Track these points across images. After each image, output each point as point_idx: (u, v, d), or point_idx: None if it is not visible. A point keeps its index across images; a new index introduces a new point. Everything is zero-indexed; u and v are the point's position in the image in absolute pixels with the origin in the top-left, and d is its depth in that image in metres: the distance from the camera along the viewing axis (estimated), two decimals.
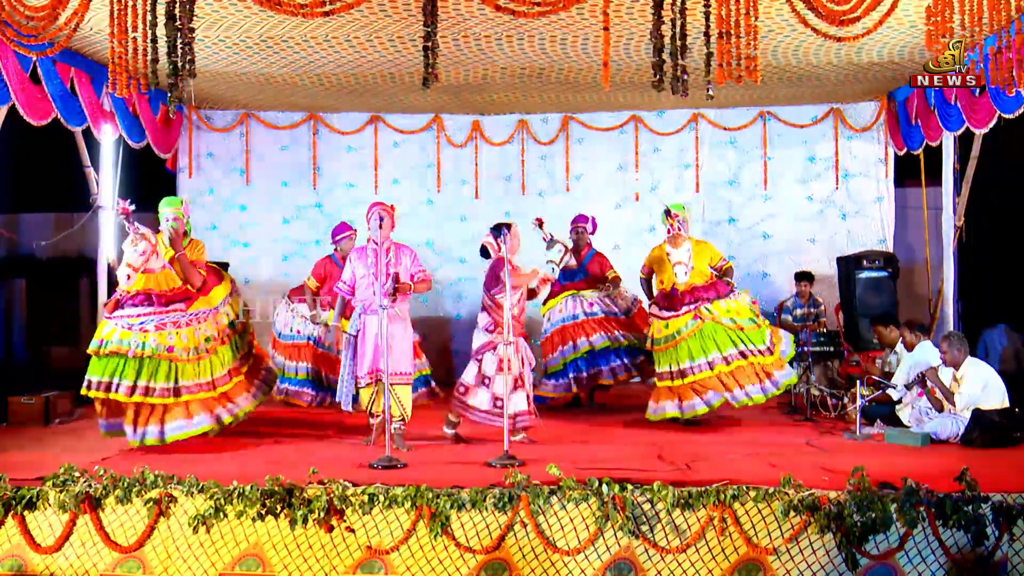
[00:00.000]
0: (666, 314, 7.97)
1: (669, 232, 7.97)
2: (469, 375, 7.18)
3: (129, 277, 6.88)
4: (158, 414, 6.99)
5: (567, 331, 9.05)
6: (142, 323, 6.94)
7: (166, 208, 7.44)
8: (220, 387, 7.19)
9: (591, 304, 9.08)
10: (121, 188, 10.60)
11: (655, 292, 8.33)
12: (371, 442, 6.87)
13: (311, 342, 9.18)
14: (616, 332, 8.99)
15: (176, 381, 6.96)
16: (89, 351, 7.03)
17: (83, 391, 7.06)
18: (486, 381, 7.08)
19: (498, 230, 7.09)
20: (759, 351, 7.84)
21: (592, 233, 9.49)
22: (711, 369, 7.76)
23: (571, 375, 9.00)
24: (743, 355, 7.80)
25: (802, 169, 11.44)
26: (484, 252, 7.29)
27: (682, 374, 7.82)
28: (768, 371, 7.89)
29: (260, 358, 7.84)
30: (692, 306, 7.88)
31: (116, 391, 6.88)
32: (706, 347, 7.78)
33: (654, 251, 8.40)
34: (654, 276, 8.39)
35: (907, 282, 11.11)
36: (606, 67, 6.21)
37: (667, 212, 8.01)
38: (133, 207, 7.04)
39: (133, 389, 6.88)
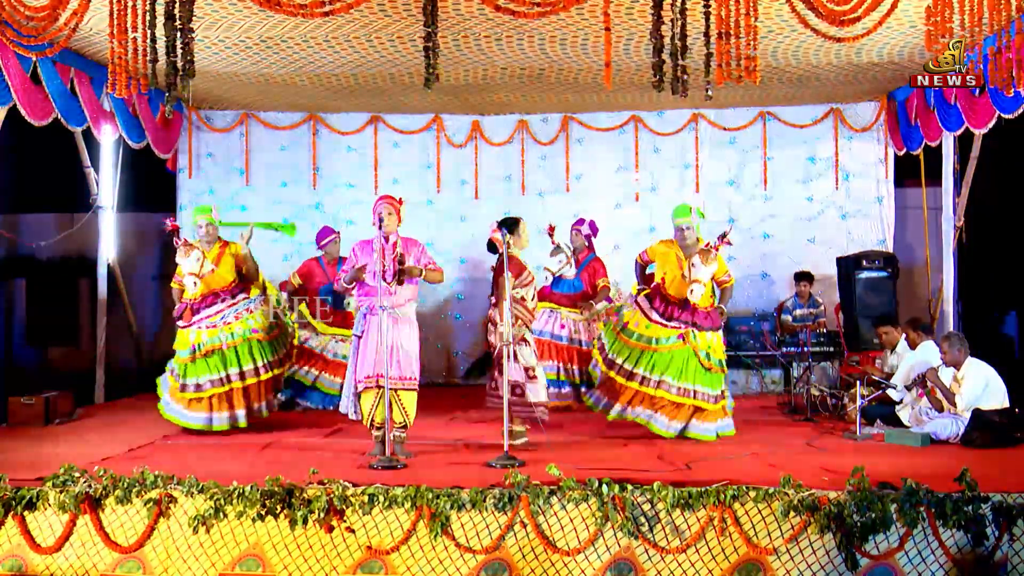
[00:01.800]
0: (654, 316, 7.51)
1: (707, 247, 7.38)
2: (516, 374, 6.95)
3: (195, 284, 7.60)
4: (241, 398, 7.79)
5: (552, 350, 8.95)
6: (223, 318, 7.74)
7: (197, 215, 8.03)
8: (287, 363, 8.18)
9: (561, 326, 9.03)
10: (121, 188, 10.63)
11: (652, 284, 7.73)
12: (376, 455, 6.55)
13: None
14: (568, 365, 8.94)
15: (264, 358, 7.83)
16: (181, 360, 7.72)
17: (184, 395, 7.67)
18: (531, 373, 7.01)
19: (505, 224, 6.97)
20: (710, 397, 7.40)
21: (594, 235, 9.43)
22: (656, 389, 7.37)
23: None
24: (693, 394, 7.36)
25: (802, 169, 11.44)
26: (491, 247, 7.07)
27: (631, 376, 7.45)
28: (708, 419, 7.45)
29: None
30: (683, 325, 7.43)
31: (245, 378, 7.72)
32: (670, 369, 7.36)
33: (660, 247, 7.75)
34: (653, 267, 7.81)
35: (907, 282, 11.11)
36: (608, 67, 6.21)
37: (723, 236, 7.43)
38: (180, 223, 7.74)
39: (243, 375, 7.73)
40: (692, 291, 7.32)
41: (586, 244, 9.37)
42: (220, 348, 7.68)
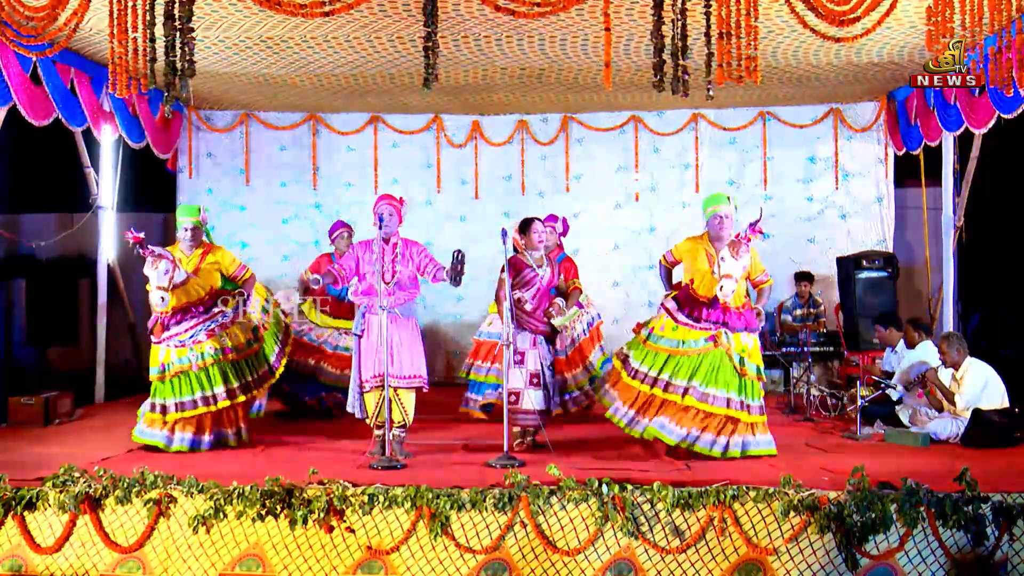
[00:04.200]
0: (681, 318, 6.76)
1: (737, 236, 6.72)
2: (516, 381, 6.97)
3: (163, 299, 6.99)
4: (208, 422, 7.19)
5: (492, 351, 8.49)
6: (192, 336, 7.11)
7: (182, 216, 7.47)
8: (278, 369, 7.56)
9: None
10: (121, 188, 10.63)
11: (681, 286, 6.99)
12: (376, 454, 6.59)
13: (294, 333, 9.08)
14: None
15: (238, 379, 7.24)
16: (153, 378, 7.20)
17: (153, 415, 7.11)
18: (535, 380, 7.03)
19: (520, 226, 7.21)
20: (747, 407, 6.65)
21: (563, 235, 8.94)
22: (682, 397, 6.62)
23: (486, 392, 8.55)
24: (726, 403, 6.59)
25: (802, 169, 11.45)
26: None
27: (655, 382, 6.70)
28: (752, 431, 6.71)
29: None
30: (713, 326, 6.69)
31: (216, 402, 7.13)
32: (698, 374, 6.62)
33: (687, 243, 7.00)
34: (680, 268, 7.09)
35: (907, 282, 11.12)
36: (608, 67, 6.20)
37: (754, 224, 6.72)
38: (143, 234, 7.00)
39: (213, 398, 7.12)
40: (722, 287, 6.57)
41: (558, 243, 8.86)
42: (189, 369, 7.09)
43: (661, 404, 6.73)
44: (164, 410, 7.10)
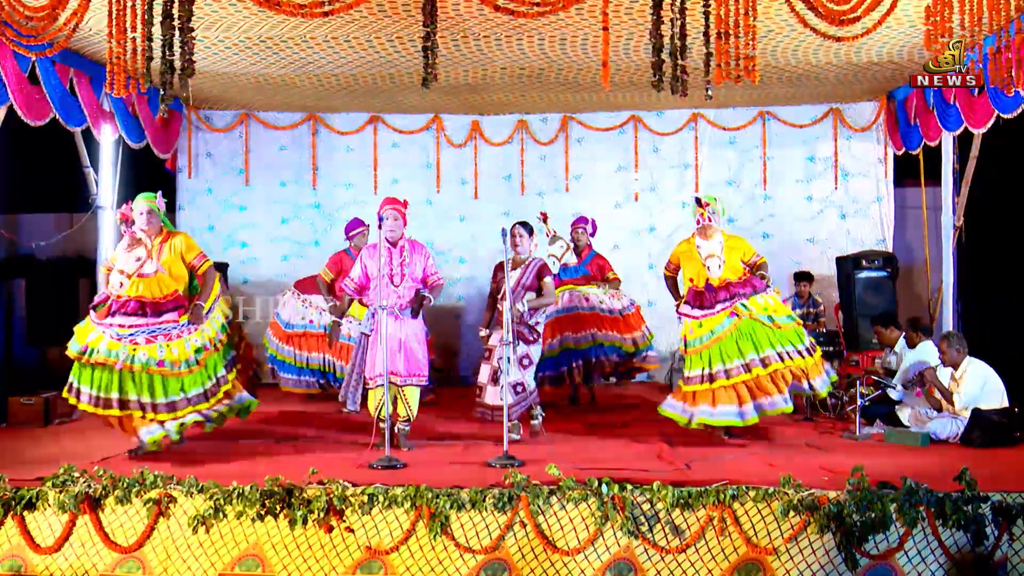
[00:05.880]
0: (699, 313, 7.25)
1: (699, 223, 7.42)
2: (484, 376, 7.37)
3: (122, 284, 6.64)
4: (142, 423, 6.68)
5: (561, 323, 9.05)
6: (132, 334, 6.59)
7: (139, 202, 6.88)
8: (212, 398, 6.83)
9: (587, 299, 9.14)
10: (120, 188, 10.61)
11: (683, 291, 7.57)
12: (381, 446, 6.63)
13: (327, 331, 9.02)
14: (606, 331, 9.06)
15: (166, 395, 6.63)
16: (71, 354, 6.67)
17: (67, 395, 6.68)
18: (495, 377, 7.22)
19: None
20: (798, 352, 7.19)
21: (592, 235, 9.57)
22: (748, 372, 7.10)
23: (563, 367, 9.06)
24: (781, 357, 7.15)
25: (802, 169, 11.45)
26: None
27: (711, 377, 7.14)
28: (807, 374, 7.24)
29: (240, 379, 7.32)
30: (727, 303, 7.20)
31: (110, 407, 6.58)
32: (743, 347, 7.12)
33: (680, 245, 7.65)
34: (681, 273, 7.64)
35: (907, 282, 11.11)
36: (605, 67, 6.22)
37: (698, 202, 7.44)
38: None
39: (124, 403, 6.58)
40: (709, 268, 7.28)
41: (588, 243, 9.55)
42: (113, 365, 6.55)
43: (714, 391, 7.16)
44: (79, 395, 6.60)
